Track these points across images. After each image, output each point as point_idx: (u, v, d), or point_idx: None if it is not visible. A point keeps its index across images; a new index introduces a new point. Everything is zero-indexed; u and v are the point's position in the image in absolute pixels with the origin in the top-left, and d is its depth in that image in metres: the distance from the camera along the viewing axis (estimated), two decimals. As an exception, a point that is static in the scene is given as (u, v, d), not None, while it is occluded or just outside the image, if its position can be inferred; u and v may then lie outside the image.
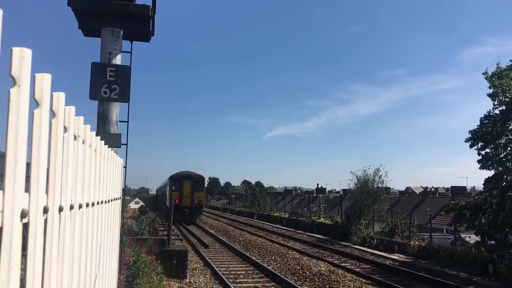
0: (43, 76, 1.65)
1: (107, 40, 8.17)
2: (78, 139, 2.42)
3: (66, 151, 2.16)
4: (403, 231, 23.31)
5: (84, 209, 2.66)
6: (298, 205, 51.28)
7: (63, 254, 2.13)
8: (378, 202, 27.69)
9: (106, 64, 7.96)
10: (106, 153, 3.78)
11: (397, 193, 66.72)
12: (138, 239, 12.80)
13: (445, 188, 72.47)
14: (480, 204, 18.37)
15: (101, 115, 8.07)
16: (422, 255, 18.75)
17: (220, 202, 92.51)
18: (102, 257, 3.77)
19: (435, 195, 60.17)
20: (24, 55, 1.41)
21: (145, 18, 8.69)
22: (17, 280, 1.40)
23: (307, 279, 14.61)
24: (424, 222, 34.02)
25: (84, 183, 2.63)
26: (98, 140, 3.27)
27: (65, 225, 2.16)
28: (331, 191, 79.43)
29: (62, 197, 2.10)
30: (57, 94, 1.95)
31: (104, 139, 4.34)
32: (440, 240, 24.06)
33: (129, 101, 8.26)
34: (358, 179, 28.31)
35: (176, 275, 13.66)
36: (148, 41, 9.57)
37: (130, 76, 8.14)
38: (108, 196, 3.94)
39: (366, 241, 23.21)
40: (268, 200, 60.11)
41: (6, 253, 1.34)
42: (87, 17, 8.44)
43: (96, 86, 7.76)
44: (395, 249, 20.85)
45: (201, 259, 18.61)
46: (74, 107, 2.24)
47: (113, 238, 4.82)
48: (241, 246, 23.36)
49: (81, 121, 2.45)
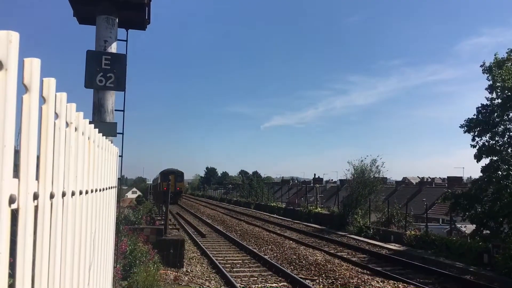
0: (32, 61, 1.63)
1: (102, 28, 8.10)
2: (70, 126, 2.40)
3: (58, 137, 2.14)
4: (399, 221, 23.44)
5: (77, 197, 2.64)
6: (295, 195, 51.38)
7: (55, 241, 2.12)
8: (375, 192, 27.82)
9: (101, 52, 7.90)
10: (100, 142, 3.76)
11: (394, 183, 66.99)
12: (135, 229, 12.82)
13: (442, 179, 72.78)
14: (476, 193, 18.43)
15: (96, 104, 8.02)
16: (418, 245, 18.85)
17: (218, 192, 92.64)
18: (97, 245, 3.76)
19: (431, 186, 60.40)
20: (11, 38, 1.39)
21: (141, 5, 8.62)
22: (6, 266, 1.39)
23: (303, 268, 14.69)
24: (421, 212, 34.23)
25: (77, 170, 2.61)
26: (92, 128, 3.24)
27: (57, 212, 2.14)
28: (328, 181, 79.89)
29: (54, 184, 2.08)
30: (47, 80, 1.93)
31: (99, 128, 4.31)
32: (436, 230, 24.19)
33: (125, 90, 8.22)
34: (355, 169, 28.41)
35: (173, 264, 13.70)
36: (144, 29, 9.50)
37: (125, 64, 8.09)
38: (102, 185, 3.92)
39: (363, 231, 23.32)
40: (265, 190, 60.26)
41: (-6, 238, 1.33)
42: (82, 4, 8.37)
43: (91, 75, 7.70)
44: (391, 239, 20.96)
45: (198, 248, 18.68)
46: (65, 94, 2.22)
47: (109, 226, 4.81)
48: (238, 235, 23.43)
49: (73, 108, 2.43)
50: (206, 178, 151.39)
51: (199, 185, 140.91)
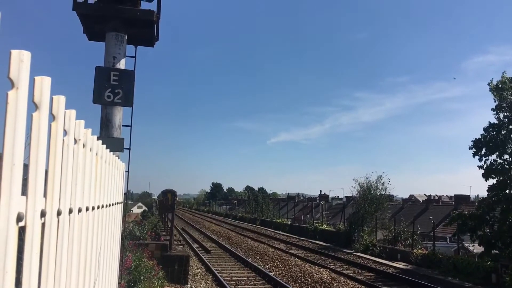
0: (42, 79, 1.65)
1: (111, 45, 8.19)
2: (78, 143, 2.41)
3: (66, 154, 2.15)
4: (406, 239, 23.19)
5: (83, 213, 2.64)
6: (301, 212, 51.09)
7: (61, 257, 2.12)
8: (381, 209, 27.58)
9: (110, 68, 7.97)
10: (107, 157, 3.77)
11: (400, 200, 66.47)
12: (140, 244, 12.79)
13: (449, 197, 72.07)
14: (484, 213, 18.21)
15: (104, 119, 8.08)
16: (425, 264, 18.62)
17: (223, 207, 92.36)
18: (102, 261, 3.75)
19: (438, 203, 59.84)
20: (23, 57, 1.41)
21: (149, 23, 8.72)
22: (12, 285, 1.39)
23: (309, 286, 14.54)
24: (427, 230, 33.83)
25: (84, 187, 2.62)
26: (99, 144, 3.26)
27: (63, 229, 2.14)
28: (334, 198, 79.43)
29: (61, 201, 2.09)
30: (57, 98, 1.95)
31: (107, 143, 4.33)
32: (443, 248, 23.90)
33: (133, 106, 8.26)
34: (361, 186, 28.24)
35: (178, 281, 13.62)
36: (152, 46, 9.59)
37: (133, 80, 8.15)
38: (109, 200, 3.93)
39: (369, 248, 23.09)
40: (270, 206, 59.96)
41: (1, 256, 1.33)
42: (92, 21, 8.47)
43: (100, 90, 7.77)
44: (398, 257, 20.72)
45: (202, 264, 18.56)
46: (74, 111, 2.24)
47: (114, 242, 4.80)
48: (243, 252, 23.28)
49: (81, 125, 2.44)
50: (212, 194, 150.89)
51: (205, 200, 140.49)
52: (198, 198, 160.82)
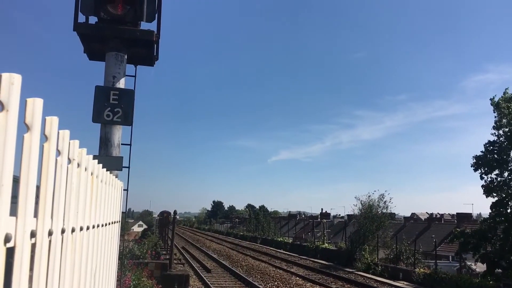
0: (34, 101, 1.67)
1: (111, 64, 8.26)
2: (72, 163, 2.42)
3: (59, 174, 2.17)
4: (408, 258, 23.00)
5: (77, 233, 2.64)
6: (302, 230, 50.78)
7: (52, 279, 2.11)
8: (383, 228, 27.44)
9: (109, 88, 8.02)
10: (103, 176, 3.77)
11: (402, 219, 66.09)
12: (139, 263, 12.71)
13: (451, 215, 71.70)
14: (486, 232, 18.09)
15: (103, 138, 8.09)
16: (428, 283, 18.44)
17: (224, 226, 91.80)
18: (97, 282, 3.73)
19: (440, 222, 59.43)
20: (13, 80, 1.43)
21: (149, 43, 8.79)
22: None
23: (309, 306, 14.37)
24: (430, 249, 33.53)
25: (78, 206, 2.62)
26: (95, 163, 3.27)
27: (55, 249, 2.14)
28: (336, 216, 78.98)
29: (54, 221, 2.09)
30: (50, 118, 1.97)
31: (104, 162, 4.34)
32: (446, 267, 23.67)
33: (132, 125, 8.29)
34: (363, 204, 28.15)
35: (177, 300, 13.48)
36: (152, 65, 9.65)
37: (133, 99, 8.19)
38: (105, 220, 3.92)
39: (371, 267, 22.89)
40: (272, 225, 59.59)
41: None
42: (92, 41, 8.55)
43: (99, 109, 7.80)
44: (400, 276, 20.53)
45: (203, 284, 18.40)
46: (68, 131, 2.25)
47: (111, 262, 4.77)
48: (244, 271, 23.08)
49: (76, 145, 2.46)
50: (213, 212, 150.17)
51: (206, 219, 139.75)
52: (199, 217, 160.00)
